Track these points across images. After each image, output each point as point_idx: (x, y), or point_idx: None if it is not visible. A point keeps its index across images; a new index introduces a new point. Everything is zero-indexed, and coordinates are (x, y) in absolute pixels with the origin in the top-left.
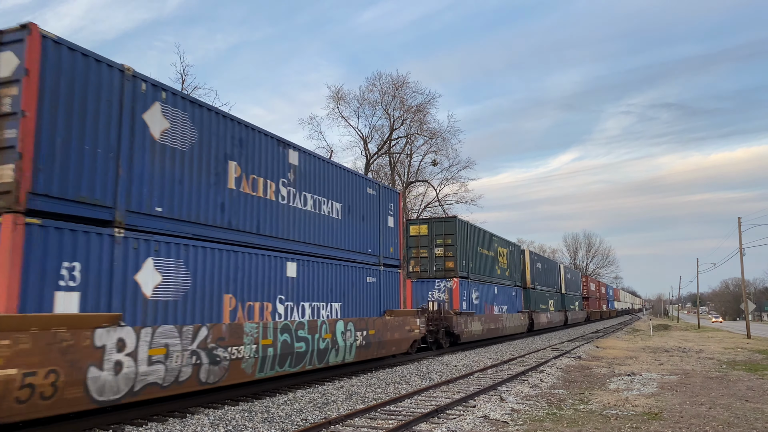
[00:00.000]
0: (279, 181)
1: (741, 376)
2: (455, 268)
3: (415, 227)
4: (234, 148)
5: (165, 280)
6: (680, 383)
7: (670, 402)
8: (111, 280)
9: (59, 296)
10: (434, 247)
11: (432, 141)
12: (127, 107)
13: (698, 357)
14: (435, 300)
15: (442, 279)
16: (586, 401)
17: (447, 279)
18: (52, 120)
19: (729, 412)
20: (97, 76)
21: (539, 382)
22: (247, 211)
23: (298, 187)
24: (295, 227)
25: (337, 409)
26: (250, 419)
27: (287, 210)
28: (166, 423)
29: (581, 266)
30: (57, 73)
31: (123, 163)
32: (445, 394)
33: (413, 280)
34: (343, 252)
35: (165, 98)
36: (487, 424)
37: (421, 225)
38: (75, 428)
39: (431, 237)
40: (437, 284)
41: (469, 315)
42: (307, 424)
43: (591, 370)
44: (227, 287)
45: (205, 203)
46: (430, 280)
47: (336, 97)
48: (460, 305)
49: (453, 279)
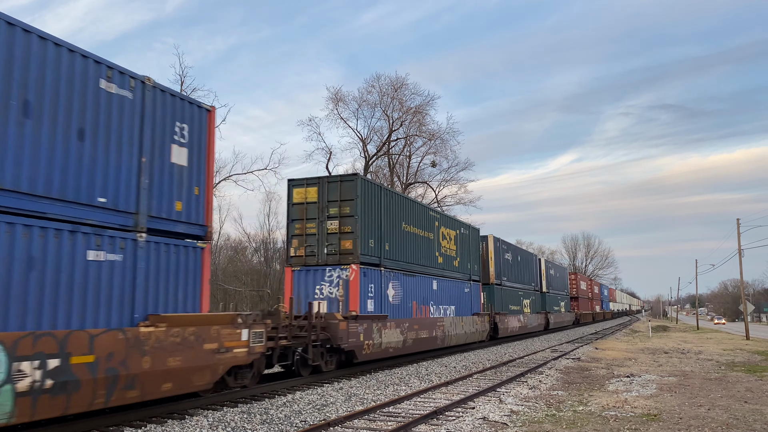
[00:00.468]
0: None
1: (740, 377)
2: (354, 250)
3: (300, 191)
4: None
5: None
6: (679, 384)
7: (669, 403)
8: None
9: None
10: (325, 220)
11: (431, 142)
12: None
13: (697, 358)
14: (325, 298)
15: (335, 267)
16: (585, 403)
17: (342, 266)
18: None
19: (728, 413)
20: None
21: (538, 384)
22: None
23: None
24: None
25: (336, 410)
26: (249, 421)
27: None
28: (165, 425)
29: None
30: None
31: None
32: (444, 396)
33: (296, 268)
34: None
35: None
36: (487, 426)
37: (309, 187)
38: (74, 429)
39: (322, 205)
40: (328, 274)
41: (377, 320)
42: (306, 425)
43: (590, 371)
44: None
45: None
46: (320, 269)
47: (335, 99)
48: (361, 305)
49: (350, 266)
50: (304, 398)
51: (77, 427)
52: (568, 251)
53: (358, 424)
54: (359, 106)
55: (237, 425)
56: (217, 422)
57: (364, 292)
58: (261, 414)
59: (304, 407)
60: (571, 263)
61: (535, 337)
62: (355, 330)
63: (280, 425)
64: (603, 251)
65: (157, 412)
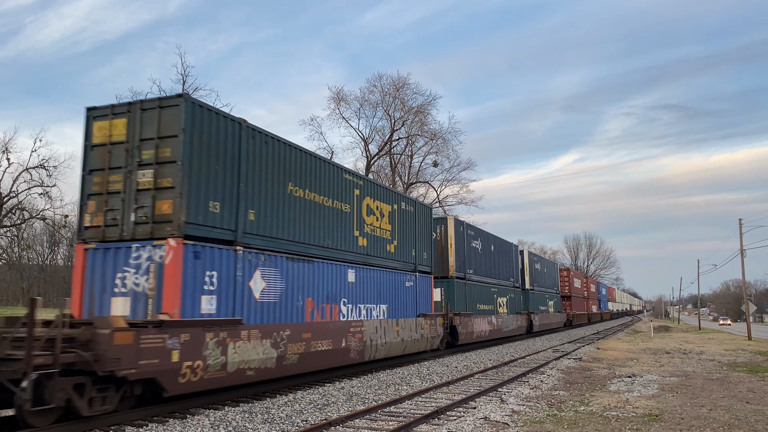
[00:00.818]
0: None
1: (742, 377)
2: (175, 216)
3: (103, 125)
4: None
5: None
6: (681, 385)
7: (670, 403)
8: None
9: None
10: (135, 170)
11: (432, 142)
12: None
13: (699, 358)
14: (129, 292)
15: (145, 242)
16: (586, 403)
17: (156, 242)
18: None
19: (730, 413)
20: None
21: (540, 384)
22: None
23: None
24: None
25: (337, 410)
26: (251, 420)
27: None
28: (167, 424)
29: (582, 267)
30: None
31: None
32: (446, 396)
33: (90, 246)
34: None
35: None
36: (488, 426)
37: (116, 119)
38: (74, 429)
39: (133, 146)
40: (134, 254)
41: (216, 328)
42: (308, 425)
43: (591, 371)
44: None
45: None
46: (124, 246)
47: (336, 98)
48: (187, 304)
49: (167, 241)
50: (305, 397)
51: (78, 426)
52: (570, 251)
53: (359, 423)
54: (361, 105)
55: (238, 424)
56: (219, 421)
57: (194, 283)
58: (262, 413)
59: (306, 406)
60: (572, 263)
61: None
62: (156, 345)
63: (281, 424)
64: (605, 251)
65: (159, 412)
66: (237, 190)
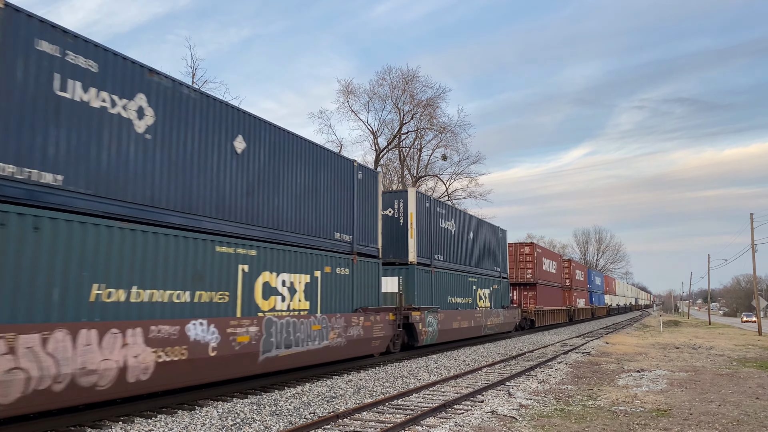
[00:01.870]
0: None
1: (752, 373)
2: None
3: None
4: None
5: None
6: (690, 380)
7: (679, 399)
8: None
9: None
10: None
11: (442, 135)
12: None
13: (708, 354)
14: None
15: None
16: (594, 397)
17: None
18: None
19: (739, 409)
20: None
21: (548, 378)
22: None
23: None
24: None
25: (345, 402)
26: (259, 412)
27: None
28: (175, 415)
29: (592, 261)
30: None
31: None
32: (453, 389)
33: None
34: None
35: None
36: (495, 420)
37: None
38: (84, 420)
39: None
40: None
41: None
42: (315, 417)
43: (600, 366)
44: None
45: None
46: None
47: (346, 91)
48: None
49: None
50: (313, 390)
51: (89, 416)
52: (580, 245)
53: (367, 416)
54: (370, 98)
55: (246, 416)
56: (227, 413)
57: None
58: (270, 405)
59: (314, 399)
60: (582, 257)
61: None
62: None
63: (289, 416)
64: (614, 245)
65: (167, 403)
66: None
